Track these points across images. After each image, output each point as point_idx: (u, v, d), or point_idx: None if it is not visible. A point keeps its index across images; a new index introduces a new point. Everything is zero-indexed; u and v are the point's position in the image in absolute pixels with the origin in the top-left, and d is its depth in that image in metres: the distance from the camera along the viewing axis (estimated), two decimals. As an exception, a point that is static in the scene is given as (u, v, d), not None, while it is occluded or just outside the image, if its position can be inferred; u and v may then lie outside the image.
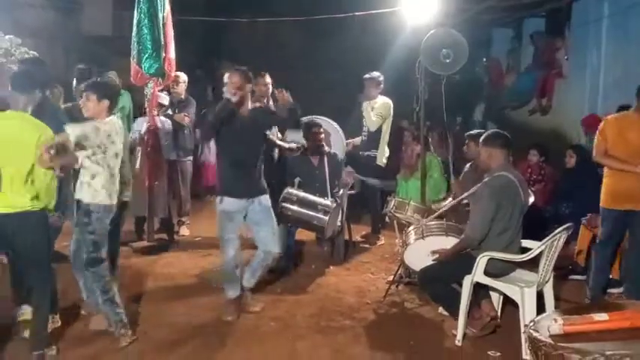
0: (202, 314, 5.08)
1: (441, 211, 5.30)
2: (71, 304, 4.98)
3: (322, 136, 6.42)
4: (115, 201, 4.40)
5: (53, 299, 4.41)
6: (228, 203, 4.93)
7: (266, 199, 5.08)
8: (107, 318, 4.47)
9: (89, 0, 11.80)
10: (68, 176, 4.65)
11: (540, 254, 4.32)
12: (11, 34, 6.48)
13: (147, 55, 6.52)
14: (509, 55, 12.28)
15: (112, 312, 4.39)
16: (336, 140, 6.98)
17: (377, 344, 4.57)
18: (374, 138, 7.34)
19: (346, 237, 6.82)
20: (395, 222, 6.00)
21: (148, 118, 6.81)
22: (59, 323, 4.59)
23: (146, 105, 6.89)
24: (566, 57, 9.92)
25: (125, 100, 6.91)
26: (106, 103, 4.36)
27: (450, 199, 5.60)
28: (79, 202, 4.33)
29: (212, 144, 10.23)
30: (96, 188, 4.28)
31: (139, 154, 6.71)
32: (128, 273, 5.95)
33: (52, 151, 3.82)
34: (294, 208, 5.72)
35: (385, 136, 7.36)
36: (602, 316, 3.05)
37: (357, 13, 8.90)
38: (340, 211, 6.20)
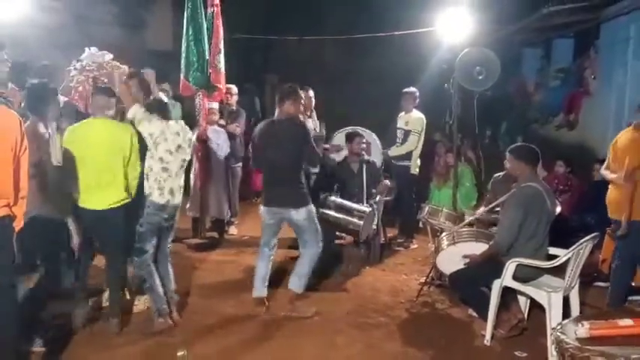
0: (250, 307, 5.09)
1: (472, 218, 5.24)
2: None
3: (364, 145, 6.44)
4: (165, 200, 4.49)
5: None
6: None
7: None
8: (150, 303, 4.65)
9: (152, 17, 12.01)
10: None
11: (567, 261, 4.24)
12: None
13: (193, 69, 6.53)
14: (538, 73, 12.11)
15: (152, 299, 4.55)
16: (374, 150, 6.98)
17: (409, 341, 4.54)
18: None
19: (382, 240, 6.80)
20: (428, 227, 5.98)
21: (198, 127, 6.85)
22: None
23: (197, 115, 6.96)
24: (593, 76, 9.72)
25: (177, 112, 6.96)
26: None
27: (483, 207, 5.52)
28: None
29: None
30: (150, 184, 4.46)
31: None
32: (183, 266, 6.03)
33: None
34: (332, 213, 5.81)
35: (418, 148, 7.31)
36: (627, 322, 2.98)
37: (396, 33, 8.88)
38: (375, 216, 6.19)
